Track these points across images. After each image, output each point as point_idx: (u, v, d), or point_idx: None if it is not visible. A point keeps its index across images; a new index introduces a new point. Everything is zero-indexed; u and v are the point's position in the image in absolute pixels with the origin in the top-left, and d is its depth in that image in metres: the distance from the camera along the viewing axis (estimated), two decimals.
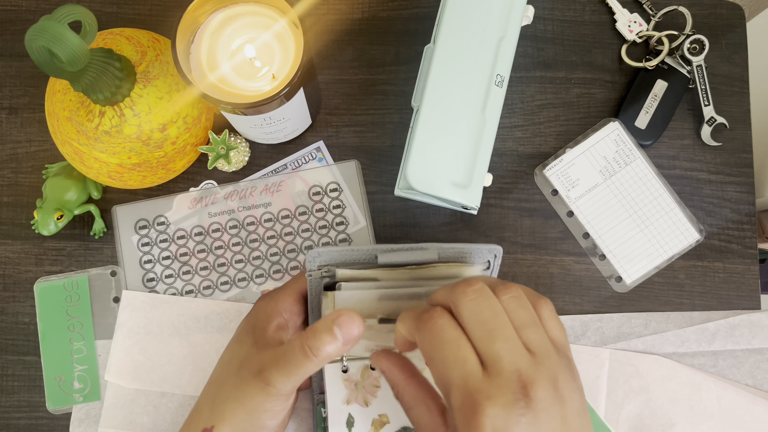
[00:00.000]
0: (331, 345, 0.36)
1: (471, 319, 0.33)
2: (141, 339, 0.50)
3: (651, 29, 0.53)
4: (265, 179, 0.52)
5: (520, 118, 0.54)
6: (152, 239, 0.52)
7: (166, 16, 0.54)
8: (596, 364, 0.50)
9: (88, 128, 0.44)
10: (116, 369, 0.49)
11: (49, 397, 0.50)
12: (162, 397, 0.49)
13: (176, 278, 0.51)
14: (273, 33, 0.44)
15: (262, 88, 0.43)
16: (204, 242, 0.52)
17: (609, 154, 0.52)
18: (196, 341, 0.50)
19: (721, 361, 0.51)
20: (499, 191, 0.53)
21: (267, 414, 0.38)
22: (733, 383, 0.50)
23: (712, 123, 0.52)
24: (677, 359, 0.50)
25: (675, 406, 0.49)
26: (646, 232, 0.52)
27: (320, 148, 0.53)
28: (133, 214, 0.52)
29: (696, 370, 0.50)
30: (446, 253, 0.41)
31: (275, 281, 0.51)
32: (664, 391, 0.50)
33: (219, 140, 0.50)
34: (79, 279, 0.51)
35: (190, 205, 0.52)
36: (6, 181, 0.53)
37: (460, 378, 0.31)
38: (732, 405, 0.49)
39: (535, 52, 0.54)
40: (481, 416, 0.30)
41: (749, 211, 0.53)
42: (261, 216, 0.52)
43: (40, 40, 0.36)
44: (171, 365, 0.50)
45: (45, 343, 0.50)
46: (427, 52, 0.49)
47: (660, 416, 0.49)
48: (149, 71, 0.45)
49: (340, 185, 0.52)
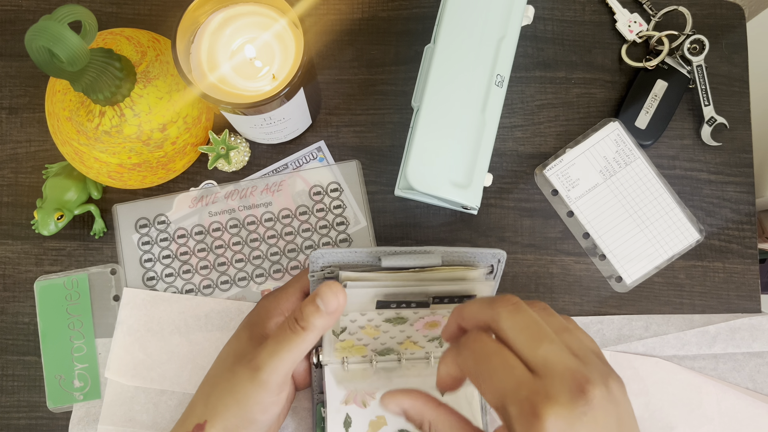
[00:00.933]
0: (315, 316, 0.37)
1: (513, 329, 0.32)
2: (141, 336, 0.50)
3: (651, 29, 0.53)
4: (266, 179, 0.52)
5: (520, 118, 0.54)
6: (153, 238, 0.52)
7: (166, 16, 0.54)
8: None
9: (88, 128, 0.44)
10: (116, 366, 0.49)
11: (50, 395, 0.50)
12: (162, 394, 0.49)
13: (176, 277, 0.51)
14: (273, 33, 0.44)
15: (262, 88, 0.43)
16: (204, 241, 0.52)
17: (609, 154, 0.52)
18: (197, 339, 0.50)
19: (722, 364, 0.50)
20: (499, 191, 0.53)
21: (258, 407, 0.38)
22: (733, 386, 0.50)
23: (712, 123, 0.52)
24: (677, 362, 0.50)
25: (675, 409, 0.49)
26: (647, 232, 0.52)
27: (321, 148, 0.53)
28: (133, 213, 0.52)
29: (696, 373, 0.50)
30: (450, 257, 0.41)
31: (275, 281, 0.51)
32: (663, 394, 0.50)
33: (219, 140, 0.50)
34: (79, 277, 0.51)
35: (191, 204, 0.52)
36: (6, 181, 0.53)
37: (513, 385, 0.31)
38: (732, 408, 0.49)
39: (535, 52, 0.54)
40: (543, 418, 0.29)
41: (749, 211, 0.53)
42: (261, 215, 0.52)
43: (40, 40, 0.36)
44: (171, 363, 0.50)
45: (45, 341, 0.50)
46: (427, 52, 0.49)
47: (660, 419, 0.49)
48: (149, 71, 0.45)
49: (340, 185, 0.52)
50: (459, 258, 0.41)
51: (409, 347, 0.46)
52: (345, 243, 0.52)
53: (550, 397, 0.29)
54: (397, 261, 0.40)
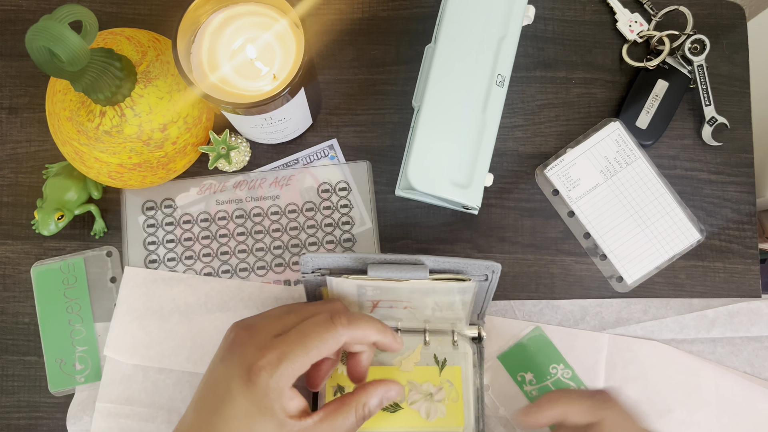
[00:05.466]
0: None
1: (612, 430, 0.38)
2: (141, 315, 0.50)
3: (652, 29, 0.53)
4: (276, 172, 0.52)
5: (521, 117, 0.53)
6: (158, 221, 0.52)
7: (166, 16, 0.54)
8: (595, 349, 0.50)
9: (89, 128, 0.44)
10: (115, 344, 0.50)
11: (51, 379, 0.50)
12: (160, 373, 0.50)
13: (178, 262, 0.51)
14: (274, 33, 0.44)
15: (262, 88, 0.43)
16: (209, 229, 0.52)
17: (610, 154, 0.52)
18: (196, 318, 0.50)
19: (720, 348, 0.51)
20: (499, 191, 0.53)
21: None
22: (731, 370, 0.50)
23: (713, 123, 0.52)
24: (676, 345, 0.50)
25: (672, 392, 0.50)
26: (647, 232, 0.52)
27: (333, 145, 0.53)
28: (141, 194, 0.52)
29: (694, 357, 0.50)
30: (440, 267, 0.41)
31: (276, 274, 0.51)
32: (661, 377, 0.50)
33: (220, 140, 0.50)
34: (75, 261, 0.51)
35: (199, 191, 0.52)
36: (6, 181, 0.53)
37: None
38: (729, 392, 0.49)
39: (536, 51, 0.54)
40: None
41: (750, 211, 0.53)
42: (268, 208, 0.52)
43: (40, 40, 0.36)
44: (170, 341, 0.50)
45: (44, 326, 0.51)
46: (427, 52, 0.49)
47: (657, 402, 0.49)
48: (150, 71, 0.45)
49: (349, 185, 0.52)
50: (450, 268, 0.42)
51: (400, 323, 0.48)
52: (349, 243, 0.52)
53: None
54: (383, 273, 0.41)
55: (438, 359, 0.48)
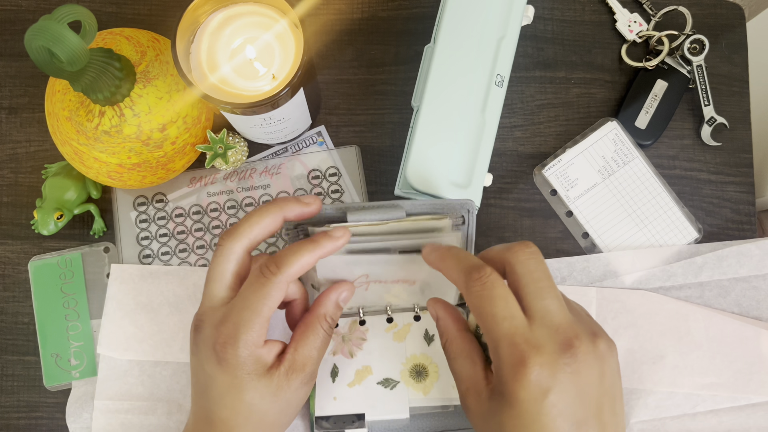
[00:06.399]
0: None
1: (526, 276, 0.35)
2: (131, 310, 0.50)
3: (651, 29, 0.53)
4: (265, 161, 0.52)
5: (520, 118, 0.54)
6: (150, 216, 0.52)
7: (165, 16, 0.54)
8: (584, 303, 0.50)
9: (88, 128, 0.44)
10: (108, 341, 0.50)
11: (46, 374, 0.50)
12: (155, 366, 0.50)
13: (172, 256, 0.52)
14: (273, 33, 0.44)
15: (262, 88, 0.43)
16: (201, 221, 0.52)
17: (607, 154, 0.52)
18: (186, 309, 0.50)
19: (708, 291, 0.51)
20: (498, 191, 0.53)
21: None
22: (719, 312, 0.50)
23: (712, 123, 0.52)
24: (664, 293, 0.51)
25: (663, 339, 0.50)
26: (645, 231, 0.52)
27: (321, 132, 0.53)
28: (132, 191, 0.52)
29: (683, 302, 0.50)
30: (417, 209, 0.42)
31: None
32: (652, 325, 0.50)
33: (217, 139, 0.50)
34: (72, 256, 0.51)
35: (190, 184, 0.52)
36: (6, 181, 0.53)
37: (508, 331, 0.34)
38: (719, 334, 0.49)
39: (535, 52, 0.54)
40: (528, 365, 0.32)
41: (749, 211, 0.53)
42: (260, 198, 0.52)
43: (39, 40, 0.36)
44: (162, 334, 0.50)
45: (41, 320, 0.51)
46: (427, 52, 0.49)
47: (649, 349, 0.50)
48: (149, 71, 0.45)
49: (339, 170, 0.52)
50: (427, 210, 0.42)
51: (392, 301, 0.48)
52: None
53: (539, 348, 0.33)
54: (362, 215, 0.41)
55: (428, 335, 0.49)
